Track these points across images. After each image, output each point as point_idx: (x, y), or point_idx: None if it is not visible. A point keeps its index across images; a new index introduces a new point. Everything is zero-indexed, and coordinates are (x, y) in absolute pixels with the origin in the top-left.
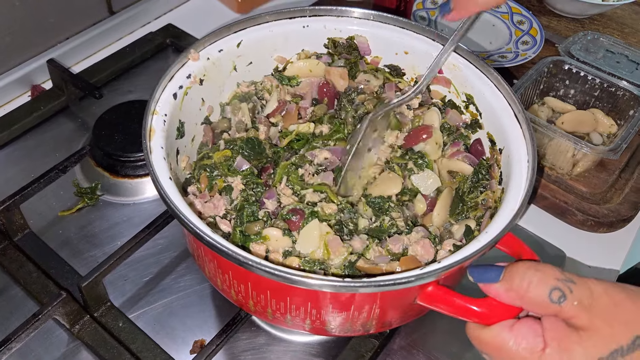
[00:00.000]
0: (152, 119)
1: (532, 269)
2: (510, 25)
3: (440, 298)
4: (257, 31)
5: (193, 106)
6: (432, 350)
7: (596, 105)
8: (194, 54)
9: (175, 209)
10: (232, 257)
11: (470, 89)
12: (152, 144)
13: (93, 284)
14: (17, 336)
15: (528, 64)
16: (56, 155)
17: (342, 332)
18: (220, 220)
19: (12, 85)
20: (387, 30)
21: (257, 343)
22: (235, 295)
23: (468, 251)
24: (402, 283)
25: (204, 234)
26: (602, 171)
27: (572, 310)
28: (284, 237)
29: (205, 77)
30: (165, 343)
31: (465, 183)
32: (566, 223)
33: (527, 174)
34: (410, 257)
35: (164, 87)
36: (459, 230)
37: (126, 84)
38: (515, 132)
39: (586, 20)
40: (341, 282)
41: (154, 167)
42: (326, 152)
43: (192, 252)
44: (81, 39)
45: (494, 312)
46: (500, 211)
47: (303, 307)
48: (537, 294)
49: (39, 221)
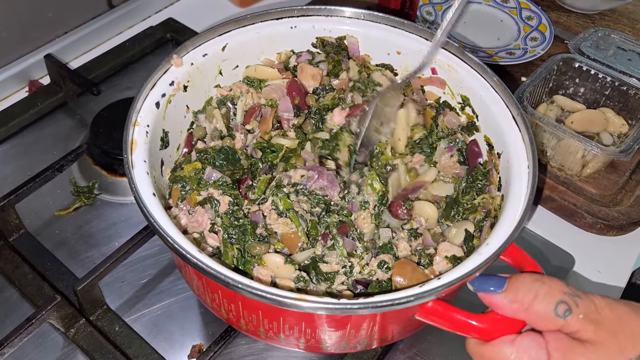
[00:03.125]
0: (133, 131)
1: (539, 281)
2: (518, 20)
3: (440, 314)
4: (242, 33)
5: (177, 114)
6: (436, 357)
7: (607, 104)
8: (177, 59)
9: (158, 228)
10: (221, 280)
11: (466, 90)
12: (134, 157)
13: (88, 287)
14: (10, 341)
15: (536, 61)
16: (53, 153)
17: (339, 349)
18: (207, 234)
19: (9, 81)
20: (379, 30)
21: (257, 348)
22: (225, 314)
23: (469, 266)
24: (401, 303)
25: (190, 255)
26: (613, 172)
27: (578, 323)
28: (287, 265)
29: (189, 84)
30: (162, 347)
31: (460, 184)
32: (575, 226)
33: (527, 180)
34: (404, 262)
35: (146, 96)
36: (458, 234)
37: (125, 80)
38: (514, 136)
39: (597, 16)
40: (337, 304)
41: (135, 183)
42: (301, 170)
43: (179, 268)
44: (80, 34)
45: (496, 328)
46: (501, 221)
47: (297, 326)
48: (542, 308)
49: (35, 221)
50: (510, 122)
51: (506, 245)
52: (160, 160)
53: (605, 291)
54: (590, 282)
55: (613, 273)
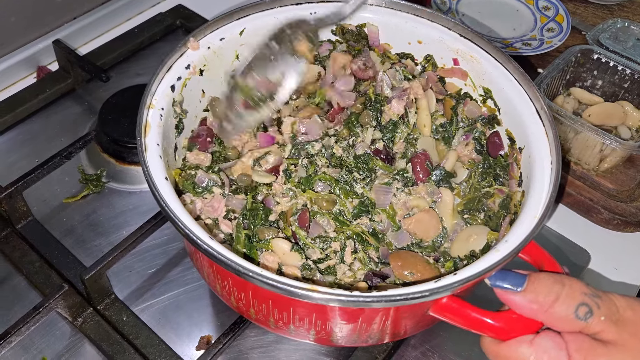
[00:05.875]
0: (147, 113)
1: (559, 282)
2: (535, 11)
3: (455, 310)
4: (261, 18)
5: (192, 98)
6: (448, 353)
7: (625, 98)
8: (194, 42)
9: (170, 213)
10: (232, 268)
11: (489, 82)
12: (148, 140)
13: (96, 277)
14: (18, 329)
15: (553, 52)
16: (61, 140)
17: (349, 343)
18: (222, 220)
19: (18, 66)
20: (400, 18)
21: (266, 341)
22: (235, 302)
23: (487, 263)
24: (415, 298)
25: (202, 241)
26: (630, 167)
27: (599, 325)
28: (293, 252)
29: (205, 68)
30: (170, 338)
31: (476, 169)
32: (591, 221)
33: (550, 176)
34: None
35: (161, 79)
36: (479, 240)
37: (134, 66)
38: (537, 131)
39: (615, 6)
40: (349, 296)
41: (148, 166)
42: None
43: (190, 255)
44: (89, 19)
45: (513, 327)
46: (522, 217)
47: (307, 318)
48: (563, 310)
49: (43, 208)
50: (534, 116)
51: (525, 242)
52: (174, 145)
53: (621, 289)
54: (606, 279)
55: (629, 270)
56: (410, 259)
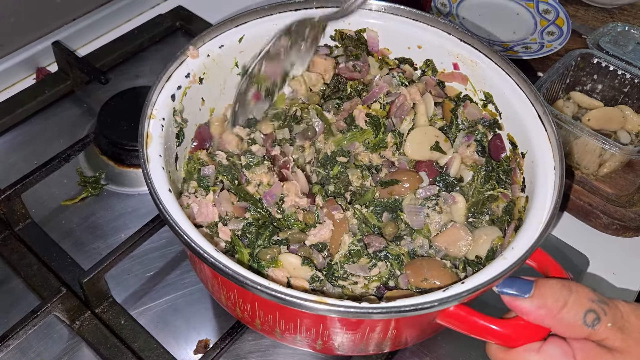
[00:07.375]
0: (148, 124)
1: (567, 288)
2: (535, 14)
3: (462, 318)
4: (260, 24)
5: (192, 107)
6: (446, 357)
7: (625, 102)
8: (193, 50)
9: (175, 227)
10: (239, 281)
11: (489, 86)
12: (149, 151)
13: (94, 280)
14: (15, 333)
15: (553, 56)
16: (60, 142)
17: (356, 352)
18: (221, 227)
19: (17, 68)
20: (400, 23)
21: (263, 345)
22: (240, 313)
23: (494, 271)
24: (424, 308)
25: (208, 254)
26: (630, 172)
27: (606, 332)
28: (304, 267)
29: (205, 76)
30: (168, 342)
31: (479, 172)
32: (590, 226)
33: (554, 182)
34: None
35: (162, 88)
36: (484, 244)
37: (133, 68)
38: (540, 135)
39: (616, 10)
40: (356, 308)
41: (151, 179)
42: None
43: (192, 265)
44: (88, 21)
45: (520, 334)
46: (526, 224)
47: (314, 328)
48: (571, 317)
49: (41, 211)
50: (536, 121)
51: (532, 250)
52: (175, 154)
53: (619, 294)
54: (604, 284)
55: (628, 275)
56: (425, 265)
